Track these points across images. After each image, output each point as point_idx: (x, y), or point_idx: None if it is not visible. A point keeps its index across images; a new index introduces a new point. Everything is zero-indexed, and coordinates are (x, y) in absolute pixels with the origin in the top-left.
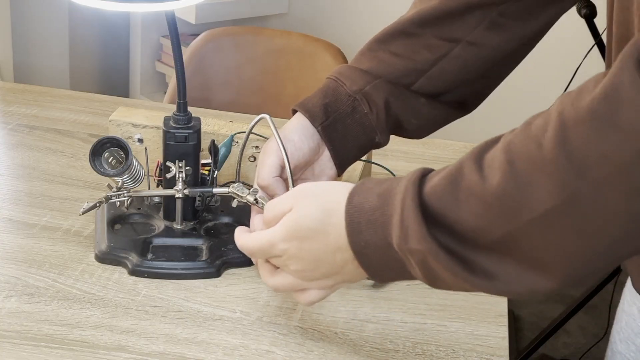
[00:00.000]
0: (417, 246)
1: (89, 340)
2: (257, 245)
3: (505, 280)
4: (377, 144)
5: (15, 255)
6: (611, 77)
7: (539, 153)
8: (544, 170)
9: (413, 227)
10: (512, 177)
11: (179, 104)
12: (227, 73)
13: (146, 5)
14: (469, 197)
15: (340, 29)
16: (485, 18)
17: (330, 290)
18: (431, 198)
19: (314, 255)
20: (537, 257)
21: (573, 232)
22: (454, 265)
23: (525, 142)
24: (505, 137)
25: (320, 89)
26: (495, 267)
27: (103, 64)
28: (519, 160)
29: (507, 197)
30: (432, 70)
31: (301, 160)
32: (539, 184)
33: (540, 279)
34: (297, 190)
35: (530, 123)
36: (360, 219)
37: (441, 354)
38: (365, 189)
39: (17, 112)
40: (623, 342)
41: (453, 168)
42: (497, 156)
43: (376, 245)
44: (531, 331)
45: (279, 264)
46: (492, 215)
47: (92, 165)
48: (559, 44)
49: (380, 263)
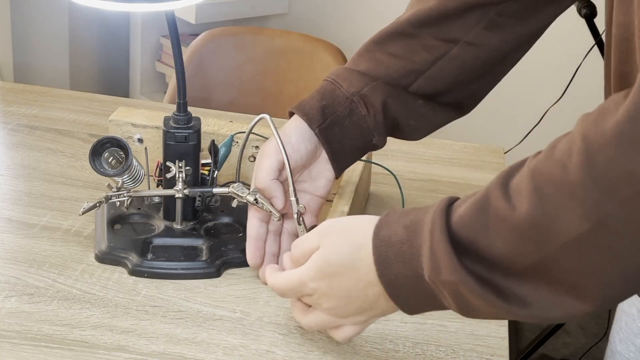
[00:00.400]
0: (449, 277)
1: (89, 340)
2: (288, 285)
3: (541, 306)
4: (374, 146)
5: (15, 255)
6: (634, 97)
7: (566, 178)
8: (572, 195)
9: (444, 258)
10: (540, 204)
11: (179, 104)
12: (227, 73)
13: (146, 5)
14: (498, 225)
15: (340, 29)
16: (483, 18)
17: (364, 325)
18: (460, 228)
19: (346, 292)
20: (571, 281)
21: (606, 254)
22: (488, 294)
23: (551, 168)
24: (529, 162)
25: (317, 91)
26: (530, 294)
27: (103, 64)
28: (546, 186)
29: (537, 224)
30: (430, 70)
31: (299, 163)
32: (568, 209)
33: (576, 302)
34: (322, 228)
35: (554, 147)
36: (388, 252)
37: (441, 354)
38: (391, 222)
39: (17, 112)
40: (622, 343)
41: (480, 196)
42: (523, 182)
43: (406, 278)
44: (531, 331)
45: (311, 302)
46: (523, 243)
47: (92, 165)
48: (559, 44)
49: (412, 295)
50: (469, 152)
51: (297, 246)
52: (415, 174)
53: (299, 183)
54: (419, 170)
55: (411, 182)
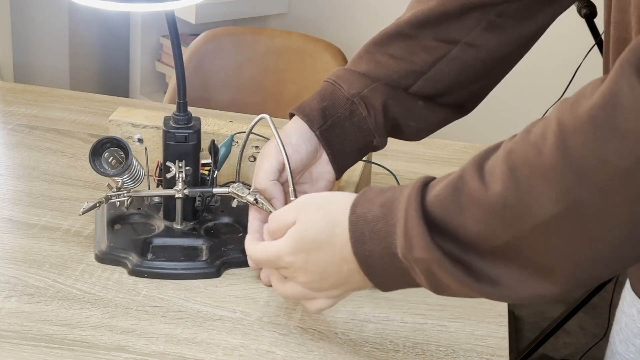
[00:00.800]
0: (421, 255)
1: (89, 340)
2: (264, 256)
3: (510, 286)
4: (375, 147)
5: (15, 255)
6: (609, 83)
7: (540, 160)
8: (546, 178)
9: (417, 236)
10: (513, 185)
11: (179, 104)
12: (227, 73)
13: (146, 5)
14: (472, 205)
15: (340, 29)
16: (483, 19)
17: (338, 298)
18: (434, 207)
19: (321, 267)
20: (542, 262)
21: (577, 238)
22: (459, 273)
23: (526, 150)
24: (505, 145)
25: (317, 93)
26: (500, 274)
27: (103, 64)
28: (519, 168)
29: (509, 205)
30: (430, 72)
31: (299, 164)
32: (541, 191)
33: (545, 284)
34: (300, 202)
35: (530, 130)
36: (363, 229)
37: (441, 354)
38: (368, 199)
39: (17, 112)
40: (623, 343)
41: (455, 176)
42: (498, 164)
43: (380, 255)
44: (531, 331)
45: (286, 274)
46: (495, 223)
47: (92, 165)
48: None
49: (385, 272)
50: (469, 152)
51: (275, 219)
52: (415, 174)
53: (299, 184)
54: (419, 170)
55: None
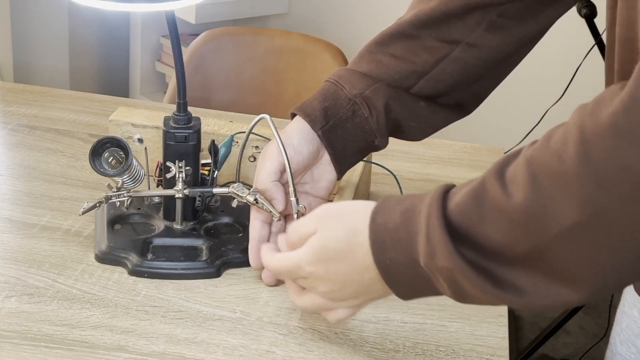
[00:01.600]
0: (444, 264)
1: (89, 340)
2: (284, 266)
3: (534, 294)
4: (376, 147)
5: (15, 255)
6: (630, 89)
7: (561, 168)
8: (567, 185)
9: (439, 244)
10: (536, 193)
11: (179, 104)
12: (227, 73)
13: (146, 5)
14: (494, 213)
15: (340, 29)
16: (484, 19)
17: (358, 308)
18: (456, 215)
19: (342, 276)
20: (565, 270)
21: (600, 246)
22: (483, 282)
23: (547, 157)
24: (525, 151)
25: (319, 92)
26: (524, 281)
27: (103, 64)
28: (541, 176)
29: (532, 213)
30: (432, 72)
31: (301, 165)
32: (563, 199)
33: (569, 291)
34: (320, 212)
35: (550, 137)
36: (384, 237)
37: (441, 354)
38: (388, 207)
39: (17, 112)
40: (623, 344)
41: (476, 184)
42: (519, 171)
43: (402, 264)
44: (531, 331)
45: (306, 285)
46: (518, 231)
47: (92, 165)
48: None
49: (407, 281)
50: (469, 152)
51: (295, 229)
52: (415, 174)
53: (301, 185)
54: (419, 170)
55: (411, 182)
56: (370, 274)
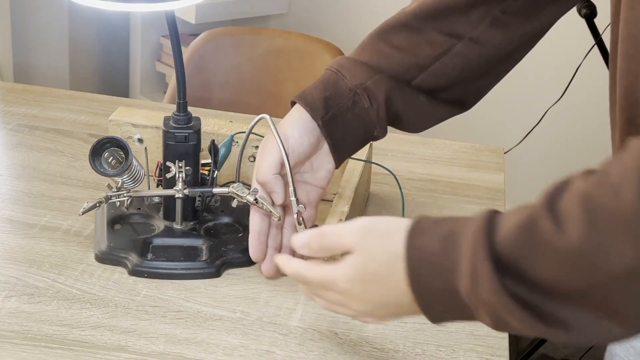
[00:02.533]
0: (489, 298)
1: (89, 340)
2: (318, 277)
3: (583, 330)
4: (375, 137)
5: (15, 255)
6: None
7: (620, 206)
8: (626, 226)
9: (485, 277)
10: (591, 232)
11: (179, 104)
12: (227, 73)
13: (146, 5)
14: (545, 248)
15: (340, 29)
16: (487, 15)
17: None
18: (504, 247)
19: (378, 298)
20: (615, 308)
21: None
22: (528, 317)
23: (604, 194)
24: (579, 184)
25: (320, 81)
26: (571, 317)
27: (103, 64)
28: (598, 214)
29: (586, 252)
30: (434, 66)
31: (302, 156)
32: (621, 240)
33: (617, 328)
34: (358, 228)
35: (608, 173)
36: (421, 263)
37: (441, 354)
38: (424, 229)
39: (17, 112)
40: (622, 345)
41: (526, 216)
42: (573, 206)
43: (439, 290)
44: None
45: (338, 300)
46: (571, 268)
47: (92, 165)
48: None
49: (443, 307)
50: (469, 152)
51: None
52: (415, 174)
53: (300, 174)
54: (419, 170)
55: (411, 182)
56: (408, 298)
